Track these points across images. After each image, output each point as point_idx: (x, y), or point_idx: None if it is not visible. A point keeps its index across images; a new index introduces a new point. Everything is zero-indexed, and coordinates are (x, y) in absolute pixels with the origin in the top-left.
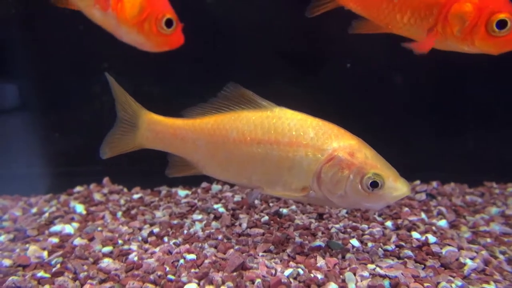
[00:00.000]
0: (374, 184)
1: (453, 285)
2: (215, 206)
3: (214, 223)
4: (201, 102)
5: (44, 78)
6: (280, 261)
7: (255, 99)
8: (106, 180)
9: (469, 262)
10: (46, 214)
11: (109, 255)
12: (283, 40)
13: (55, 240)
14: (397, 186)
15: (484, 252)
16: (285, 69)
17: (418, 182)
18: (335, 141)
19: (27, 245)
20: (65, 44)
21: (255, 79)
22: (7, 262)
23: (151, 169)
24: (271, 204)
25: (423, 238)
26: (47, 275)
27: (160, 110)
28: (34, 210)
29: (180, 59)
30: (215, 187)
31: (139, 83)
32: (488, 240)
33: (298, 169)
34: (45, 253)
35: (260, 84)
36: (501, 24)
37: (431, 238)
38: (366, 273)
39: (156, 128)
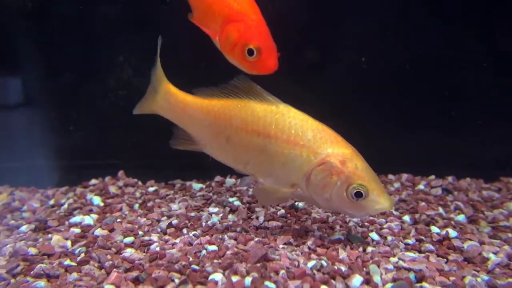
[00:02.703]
0: (358, 194)
1: (478, 279)
2: (230, 199)
3: (230, 216)
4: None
5: (58, 72)
6: (301, 253)
7: (261, 93)
8: (121, 173)
9: (492, 256)
10: (65, 206)
11: (131, 245)
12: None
13: (77, 230)
14: (379, 200)
15: (506, 247)
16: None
17: (433, 177)
18: (330, 147)
19: (49, 235)
20: (82, 38)
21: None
22: (32, 250)
23: (164, 163)
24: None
25: (444, 232)
26: (74, 264)
27: None
28: (51, 202)
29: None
30: (229, 181)
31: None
32: (510, 235)
33: (291, 167)
34: (69, 243)
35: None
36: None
37: (452, 233)
38: (390, 266)
39: (169, 99)
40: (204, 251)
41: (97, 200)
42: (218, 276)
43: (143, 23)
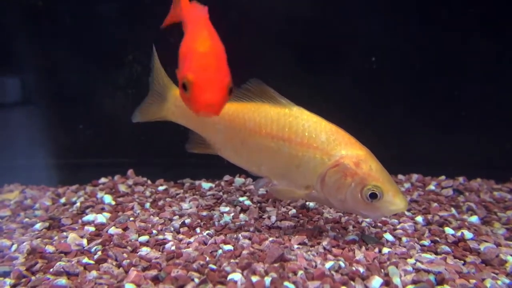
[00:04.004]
0: (373, 196)
1: (499, 282)
2: (241, 198)
3: (242, 216)
4: None
5: (67, 70)
6: (317, 253)
7: (275, 96)
8: (130, 171)
9: (510, 259)
10: (77, 204)
11: (146, 244)
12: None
13: (91, 228)
14: (394, 201)
15: None
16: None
17: (443, 177)
18: (344, 149)
19: (64, 233)
20: (92, 36)
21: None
22: (50, 248)
23: (172, 162)
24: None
25: (459, 234)
26: (92, 262)
27: None
28: (63, 200)
29: None
30: (238, 180)
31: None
32: None
33: (305, 169)
34: (85, 241)
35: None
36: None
37: (468, 234)
38: (408, 268)
39: (182, 105)
40: (220, 251)
41: (108, 198)
42: (237, 276)
43: (153, 22)
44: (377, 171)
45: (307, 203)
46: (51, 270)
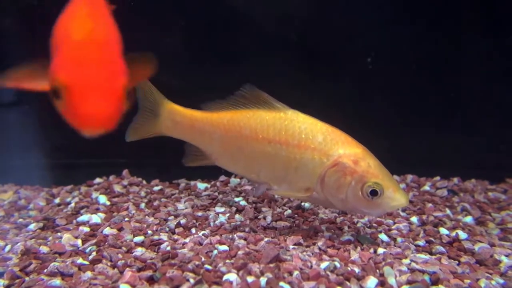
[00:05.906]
0: (374, 193)
1: (493, 282)
2: (236, 199)
3: (237, 216)
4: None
5: None
6: (312, 254)
7: (269, 101)
8: (125, 172)
9: (504, 259)
10: (72, 204)
11: (141, 244)
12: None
13: (86, 229)
14: (395, 197)
15: None
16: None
17: (438, 178)
18: (341, 148)
19: (59, 234)
20: None
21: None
22: (44, 249)
23: (168, 162)
24: (291, 198)
25: (453, 234)
26: (86, 262)
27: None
28: (57, 200)
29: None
30: (234, 181)
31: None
32: None
33: (304, 171)
34: (79, 242)
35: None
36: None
37: (462, 235)
38: (403, 268)
39: (175, 118)
40: (215, 251)
41: (103, 199)
42: (232, 276)
43: (148, 21)
44: (375, 168)
45: (302, 203)
46: (45, 270)
